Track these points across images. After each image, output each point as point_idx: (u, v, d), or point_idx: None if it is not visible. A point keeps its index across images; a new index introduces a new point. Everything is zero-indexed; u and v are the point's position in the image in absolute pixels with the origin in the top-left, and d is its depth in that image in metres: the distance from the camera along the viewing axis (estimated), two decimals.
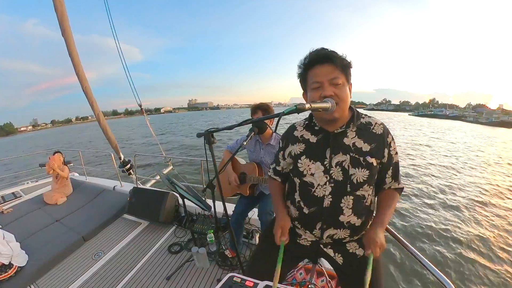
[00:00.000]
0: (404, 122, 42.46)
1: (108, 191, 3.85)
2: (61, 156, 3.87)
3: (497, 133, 31.45)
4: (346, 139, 0.94)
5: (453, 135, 25.79)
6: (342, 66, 0.87)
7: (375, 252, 0.83)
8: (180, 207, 3.01)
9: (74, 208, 3.44)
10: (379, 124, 0.96)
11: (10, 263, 2.12)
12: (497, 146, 18.56)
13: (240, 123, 1.05)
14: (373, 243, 0.84)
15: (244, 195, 1.99)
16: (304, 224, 1.03)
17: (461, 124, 47.56)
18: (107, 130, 3.62)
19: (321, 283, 1.68)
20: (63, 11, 2.75)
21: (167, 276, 2.03)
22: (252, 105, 1.93)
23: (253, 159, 2.01)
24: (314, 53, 0.89)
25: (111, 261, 2.33)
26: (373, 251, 0.83)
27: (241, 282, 0.74)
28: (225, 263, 2.12)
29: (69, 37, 2.88)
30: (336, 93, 0.86)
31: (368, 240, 0.87)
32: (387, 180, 0.99)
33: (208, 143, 1.13)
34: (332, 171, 0.93)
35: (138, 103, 3.76)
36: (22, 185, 4.30)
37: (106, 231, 2.89)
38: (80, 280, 2.10)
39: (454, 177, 9.08)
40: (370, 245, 0.85)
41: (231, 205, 2.30)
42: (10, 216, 3.25)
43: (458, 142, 19.46)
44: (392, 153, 0.97)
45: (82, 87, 3.20)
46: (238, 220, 2.02)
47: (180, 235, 2.66)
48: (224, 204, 1.26)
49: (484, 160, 12.77)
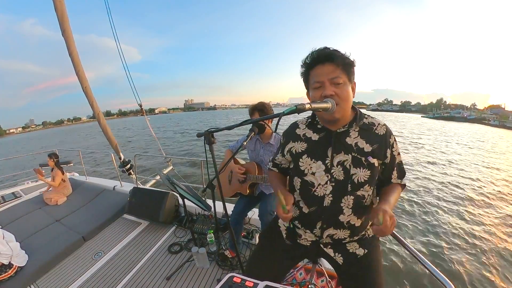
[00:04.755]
0: (425, 127, 34.28)
1: (108, 191, 3.85)
2: (51, 161, 3.76)
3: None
4: (348, 139, 0.94)
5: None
6: (344, 65, 0.86)
7: (384, 219, 0.74)
8: (180, 207, 3.01)
9: (74, 208, 3.44)
10: (381, 125, 0.96)
11: (10, 263, 2.12)
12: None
13: (240, 123, 1.05)
14: (383, 211, 0.75)
15: (244, 194, 1.99)
16: (304, 223, 1.03)
17: (488, 129, 40.19)
18: (107, 130, 3.62)
19: (321, 283, 1.68)
20: (63, 11, 2.76)
21: (167, 276, 2.03)
22: (249, 106, 1.95)
23: (253, 159, 2.01)
24: (315, 53, 0.89)
25: (111, 261, 2.33)
26: (382, 217, 0.74)
27: (241, 282, 0.74)
28: (225, 263, 2.12)
29: (69, 37, 2.88)
30: (337, 92, 0.86)
31: (376, 210, 0.79)
32: (393, 180, 1.00)
33: (208, 143, 1.13)
34: (333, 170, 0.93)
35: (138, 103, 3.77)
36: (22, 185, 4.31)
37: (106, 231, 2.89)
38: (80, 280, 2.10)
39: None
40: (379, 212, 0.76)
41: (231, 205, 2.31)
42: (10, 216, 3.25)
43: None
44: (395, 153, 0.97)
45: (82, 87, 3.21)
46: (237, 219, 2.02)
47: (180, 235, 2.66)
48: (224, 204, 1.26)
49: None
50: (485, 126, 49.81)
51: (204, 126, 35.73)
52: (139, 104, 3.80)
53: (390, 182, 1.00)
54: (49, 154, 3.84)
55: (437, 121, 59.43)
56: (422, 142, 18.35)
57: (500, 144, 20.32)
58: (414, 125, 39.20)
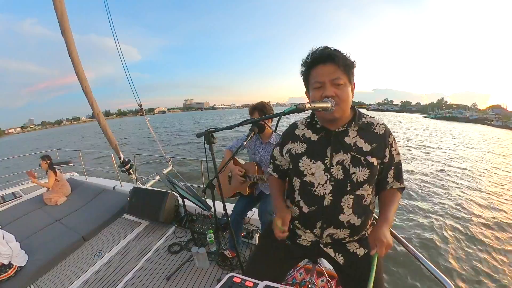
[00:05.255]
0: (428, 128, 34.01)
1: (108, 191, 3.85)
2: (44, 163, 3.76)
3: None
4: (347, 138, 0.94)
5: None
6: (345, 66, 0.86)
7: (380, 252, 0.79)
8: (180, 207, 3.01)
9: (74, 208, 3.44)
10: (380, 124, 0.97)
11: (10, 263, 2.12)
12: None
13: (240, 123, 1.05)
14: (380, 242, 0.80)
15: (244, 194, 1.99)
16: (304, 223, 1.03)
17: (491, 130, 39.77)
18: (107, 130, 3.62)
19: (321, 283, 1.68)
20: (63, 11, 2.75)
21: (167, 276, 2.03)
22: (249, 105, 1.95)
23: (253, 158, 2.01)
24: (317, 52, 0.88)
25: (111, 261, 2.33)
26: (378, 251, 0.80)
27: (241, 282, 0.74)
28: (225, 263, 2.12)
29: (69, 37, 2.88)
30: (337, 93, 0.86)
31: (374, 239, 0.83)
32: (389, 180, 0.99)
33: (208, 143, 1.13)
34: (332, 169, 0.93)
35: (138, 103, 3.77)
36: (22, 185, 4.30)
37: (106, 231, 2.89)
38: (80, 280, 2.10)
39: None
40: (376, 244, 0.81)
41: (231, 205, 2.31)
42: (10, 216, 3.25)
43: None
44: (394, 153, 0.97)
45: (82, 87, 3.21)
46: (237, 219, 2.02)
47: (180, 235, 2.66)
48: (224, 204, 1.26)
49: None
50: (488, 126, 48.93)
51: (199, 127, 35.22)
52: (139, 104, 3.81)
53: (386, 183, 0.99)
54: (42, 156, 3.85)
55: (440, 121, 58.75)
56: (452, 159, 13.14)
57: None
58: (417, 126, 37.78)
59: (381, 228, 0.85)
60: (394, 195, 0.99)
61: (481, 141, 22.12)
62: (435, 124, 43.80)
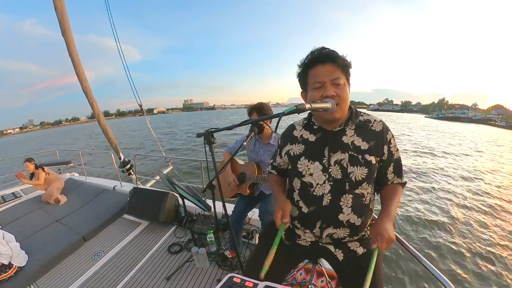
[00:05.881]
0: (433, 129, 32.04)
1: (108, 191, 3.85)
2: (30, 164, 3.89)
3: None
4: (344, 137, 0.94)
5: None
6: (343, 66, 0.87)
7: (381, 246, 0.77)
8: (180, 207, 3.01)
9: (74, 208, 3.44)
10: (378, 121, 0.97)
11: (10, 263, 2.12)
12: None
13: (240, 123, 1.05)
14: (381, 236, 0.78)
15: (244, 194, 1.99)
16: (304, 223, 1.03)
17: (497, 131, 37.89)
18: (107, 130, 3.62)
19: (321, 284, 1.68)
20: (63, 11, 2.76)
21: (167, 276, 2.03)
22: (248, 106, 1.95)
23: (253, 159, 2.01)
24: (315, 52, 0.89)
25: (111, 261, 2.33)
26: (379, 245, 0.77)
27: (241, 283, 0.74)
28: (225, 263, 2.12)
29: (69, 37, 2.88)
30: (338, 93, 0.86)
31: (375, 233, 0.81)
32: (389, 176, 0.99)
33: (208, 143, 1.13)
34: (330, 169, 0.93)
35: (139, 103, 3.77)
36: (22, 185, 4.31)
37: (106, 231, 2.89)
38: (80, 280, 2.10)
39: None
40: (377, 238, 0.78)
41: (231, 205, 2.31)
42: (10, 216, 3.25)
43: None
44: (393, 150, 0.97)
45: (82, 87, 3.21)
46: (237, 220, 2.02)
47: (180, 235, 2.66)
48: (224, 204, 1.26)
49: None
50: (492, 127, 47.90)
51: (198, 128, 34.57)
52: (139, 104, 3.81)
53: (386, 178, 0.99)
54: (25, 160, 3.92)
55: (443, 122, 57.17)
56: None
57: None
58: (420, 127, 35.73)
59: (382, 222, 0.83)
60: (396, 189, 0.98)
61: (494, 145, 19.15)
62: (438, 124, 42.20)
